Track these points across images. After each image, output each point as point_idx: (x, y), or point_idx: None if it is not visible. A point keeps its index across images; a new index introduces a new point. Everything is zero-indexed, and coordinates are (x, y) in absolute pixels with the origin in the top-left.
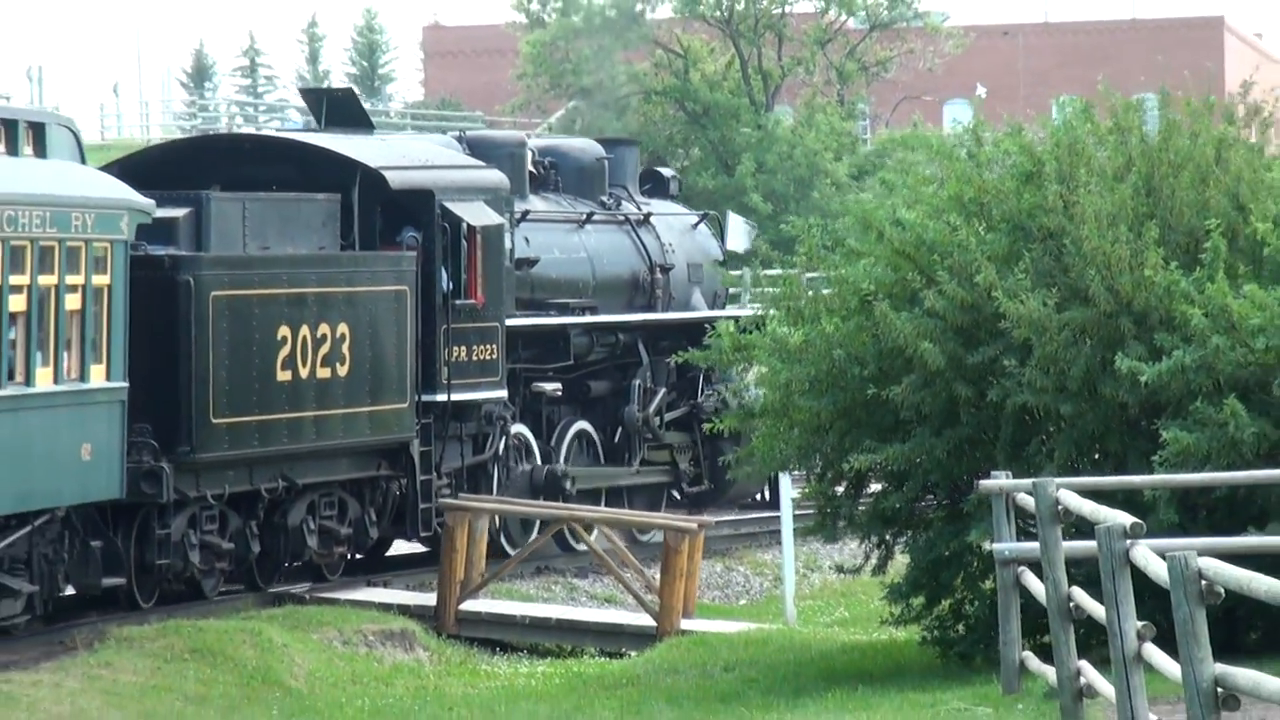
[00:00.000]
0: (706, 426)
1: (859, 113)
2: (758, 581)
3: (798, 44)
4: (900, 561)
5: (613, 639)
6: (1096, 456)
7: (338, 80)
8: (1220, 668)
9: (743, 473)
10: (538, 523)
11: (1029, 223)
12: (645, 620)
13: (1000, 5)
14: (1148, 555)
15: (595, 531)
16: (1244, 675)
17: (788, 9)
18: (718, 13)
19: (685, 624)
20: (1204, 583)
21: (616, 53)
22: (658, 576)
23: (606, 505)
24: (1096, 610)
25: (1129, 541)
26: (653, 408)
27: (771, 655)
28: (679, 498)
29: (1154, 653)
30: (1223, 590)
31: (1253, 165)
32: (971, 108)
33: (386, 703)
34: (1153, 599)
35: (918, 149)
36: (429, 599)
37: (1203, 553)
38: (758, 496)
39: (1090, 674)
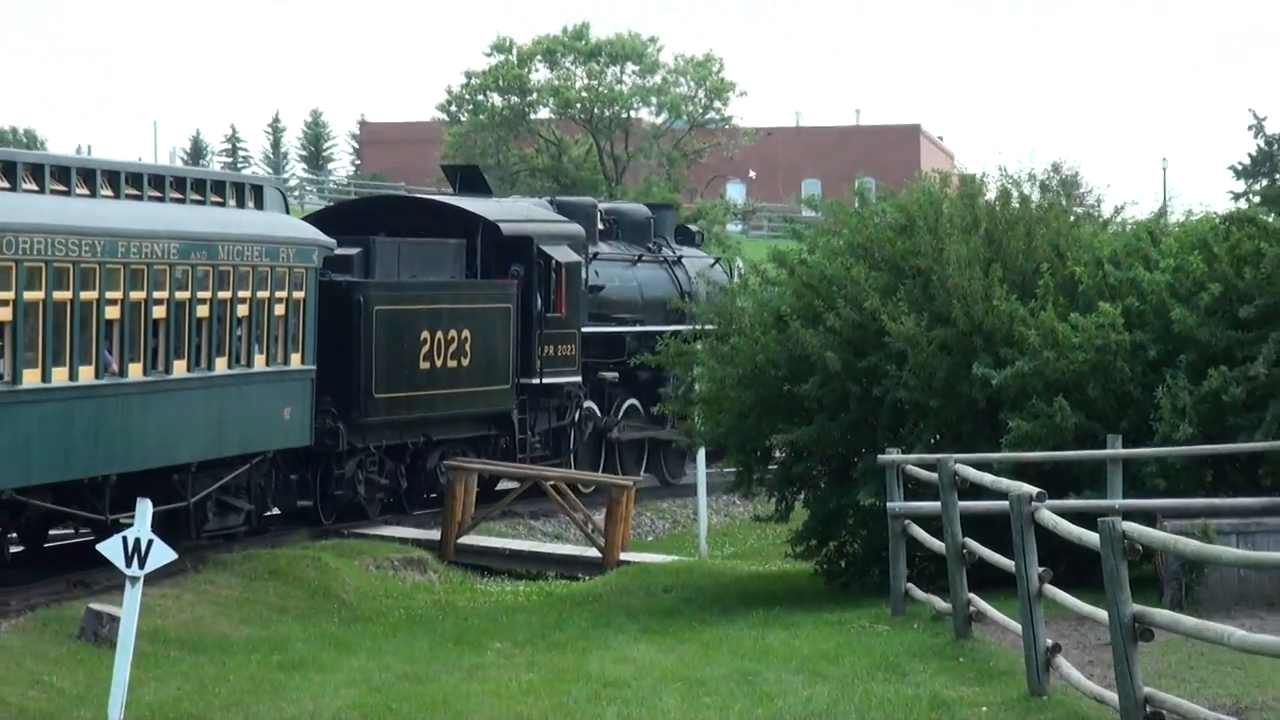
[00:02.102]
0: (654, 409)
1: (681, 187)
2: (660, 524)
3: (639, 137)
4: (800, 512)
5: (570, 566)
6: (954, 438)
7: (293, 157)
8: (1138, 607)
9: (684, 444)
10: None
11: (904, 263)
12: (593, 553)
13: (762, 111)
14: (1055, 518)
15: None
16: (1161, 614)
17: (632, 113)
18: (582, 114)
19: (624, 556)
20: (1126, 541)
21: (510, 141)
22: (599, 519)
23: (648, 456)
24: (985, 554)
25: (1033, 505)
26: (680, 390)
27: (698, 580)
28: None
29: (1055, 591)
30: (1141, 547)
31: (1066, 224)
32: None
33: (416, 613)
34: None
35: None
36: (434, 534)
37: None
38: None
39: (979, 604)
